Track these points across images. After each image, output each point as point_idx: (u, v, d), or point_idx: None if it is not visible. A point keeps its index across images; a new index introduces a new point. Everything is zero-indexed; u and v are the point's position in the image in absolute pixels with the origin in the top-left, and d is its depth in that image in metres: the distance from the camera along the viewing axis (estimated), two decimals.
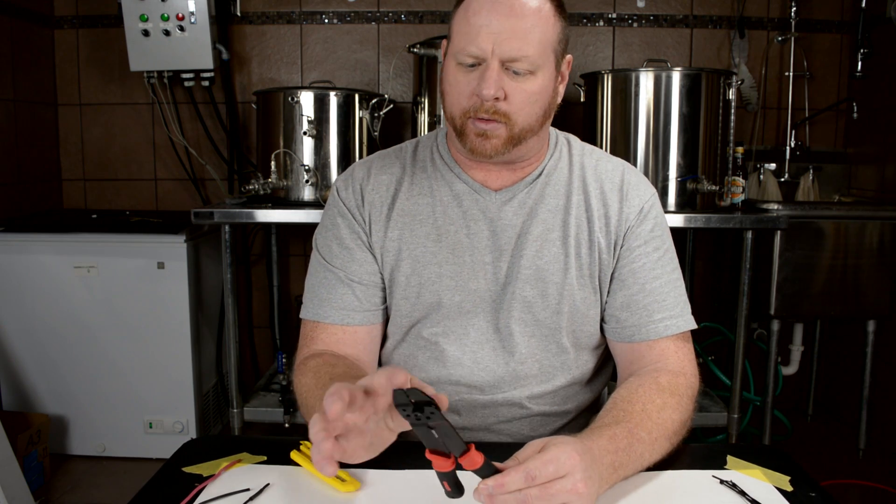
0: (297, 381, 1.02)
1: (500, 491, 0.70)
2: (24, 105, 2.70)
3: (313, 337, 1.09)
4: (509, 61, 0.96)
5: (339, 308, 1.08)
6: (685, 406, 0.97)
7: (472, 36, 0.96)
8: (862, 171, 2.79)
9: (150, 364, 2.46)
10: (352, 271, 1.09)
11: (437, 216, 1.09)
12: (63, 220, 2.63)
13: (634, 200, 1.09)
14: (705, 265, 2.91)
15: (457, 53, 0.99)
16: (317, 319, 1.09)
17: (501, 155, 1.02)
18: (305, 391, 0.98)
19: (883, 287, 2.37)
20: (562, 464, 0.72)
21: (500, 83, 0.96)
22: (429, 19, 2.81)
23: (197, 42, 2.58)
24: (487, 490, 0.70)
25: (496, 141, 1.00)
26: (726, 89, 2.19)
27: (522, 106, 0.99)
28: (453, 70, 1.00)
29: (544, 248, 1.07)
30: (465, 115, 1.00)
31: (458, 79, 1.00)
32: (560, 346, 1.09)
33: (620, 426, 0.87)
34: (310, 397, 0.96)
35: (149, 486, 0.87)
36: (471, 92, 0.98)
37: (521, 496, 0.70)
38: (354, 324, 1.08)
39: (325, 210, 1.15)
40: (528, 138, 1.02)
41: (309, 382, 0.98)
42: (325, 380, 0.95)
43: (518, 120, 0.99)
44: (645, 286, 1.07)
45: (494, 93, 0.96)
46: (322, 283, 1.10)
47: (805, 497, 0.85)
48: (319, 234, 1.14)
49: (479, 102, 0.98)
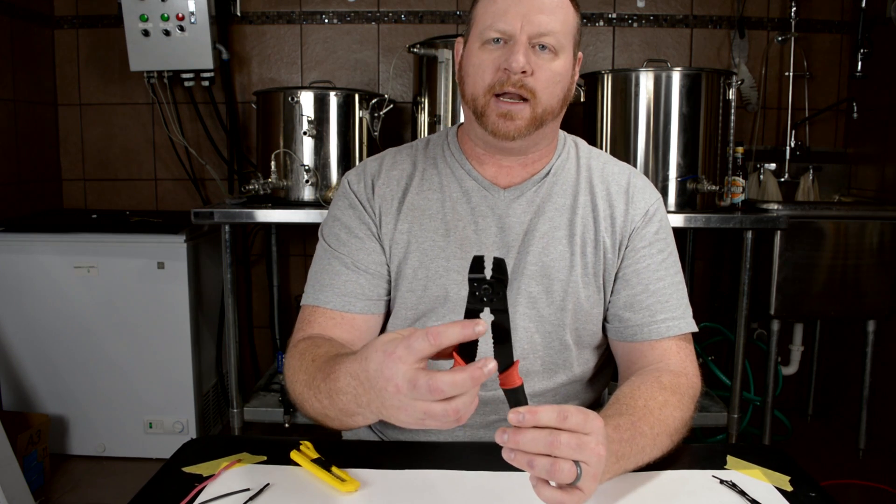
0: (286, 363, 1.01)
1: (531, 420, 0.69)
2: (24, 105, 2.70)
3: (310, 321, 1.07)
4: (537, 36, 0.99)
5: (340, 294, 1.07)
6: (686, 405, 0.98)
7: (501, 14, 0.99)
8: (862, 171, 2.79)
9: (150, 364, 2.46)
10: (358, 259, 1.09)
11: (447, 211, 1.10)
12: (63, 220, 2.63)
13: (640, 203, 1.11)
14: (705, 265, 2.91)
15: (483, 31, 1.01)
16: (316, 304, 1.08)
17: (523, 137, 1.03)
18: (290, 374, 0.97)
19: (883, 287, 2.37)
20: (590, 420, 0.72)
21: (528, 58, 0.99)
22: (429, 19, 2.81)
23: (197, 42, 2.58)
24: (519, 419, 0.69)
25: (520, 122, 1.01)
26: (726, 89, 2.19)
27: (547, 84, 1.01)
28: (477, 51, 1.02)
29: (550, 245, 1.08)
30: (490, 92, 1.01)
31: (483, 58, 1.01)
32: (563, 343, 1.10)
33: (624, 418, 0.87)
34: (295, 383, 0.95)
35: (149, 486, 0.87)
36: (497, 67, 1.00)
37: (551, 439, 0.69)
38: (355, 311, 1.08)
39: (334, 202, 1.15)
40: (548, 122, 1.04)
41: (294, 365, 0.97)
42: (307, 361, 0.94)
43: (542, 98, 1.01)
44: (648, 287, 1.08)
45: (523, 65, 0.98)
46: (325, 270, 1.09)
47: (805, 497, 0.85)
48: (326, 224, 1.14)
49: (505, 77, 0.99)
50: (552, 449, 0.69)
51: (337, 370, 0.82)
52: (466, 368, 0.67)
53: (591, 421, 0.72)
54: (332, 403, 0.84)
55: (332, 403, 0.84)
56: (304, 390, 0.91)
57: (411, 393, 0.68)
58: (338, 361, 0.84)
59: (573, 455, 0.70)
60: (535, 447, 0.70)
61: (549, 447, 0.69)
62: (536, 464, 0.70)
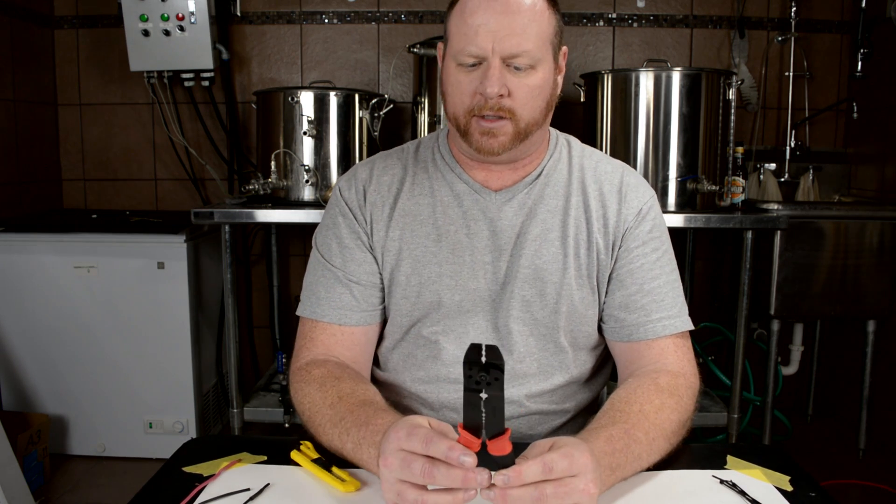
0: (300, 388, 1.01)
1: (517, 481, 0.69)
2: (24, 105, 2.70)
3: (312, 337, 1.09)
4: (510, 58, 0.97)
5: (336, 307, 1.08)
6: (685, 406, 0.97)
7: (471, 36, 0.97)
8: (862, 171, 2.79)
9: (150, 364, 2.46)
10: (350, 271, 1.09)
11: (438, 216, 1.09)
12: (63, 220, 2.63)
13: (633, 202, 1.10)
14: (705, 265, 2.91)
15: (456, 55, 1.00)
16: (314, 318, 1.09)
17: (508, 151, 1.03)
18: (309, 404, 0.98)
19: (883, 287, 2.37)
20: (576, 460, 0.72)
21: (502, 80, 0.97)
22: (429, 19, 2.81)
23: (197, 42, 2.58)
24: (504, 480, 0.69)
25: (503, 138, 1.01)
26: (726, 89, 2.19)
27: (526, 101, 1.00)
28: (454, 71, 1.01)
29: (543, 247, 1.08)
30: (470, 114, 1.01)
31: (460, 79, 1.00)
32: (558, 346, 1.10)
33: (617, 427, 0.87)
34: (316, 414, 0.95)
35: (149, 486, 0.87)
36: (473, 91, 0.99)
37: (537, 493, 0.70)
38: (351, 324, 1.08)
39: (327, 209, 1.15)
40: (534, 132, 1.04)
41: (314, 396, 0.97)
42: (332, 397, 0.95)
43: (523, 115, 1.00)
44: (643, 286, 1.07)
45: (498, 90, 0.97)
46: (320, 282, 1.10)
47: (805, 497, 0.85)
48: (320, 232, 1.14)
49: (482, 101, 0.99)
50: (539, 503, 0.70)
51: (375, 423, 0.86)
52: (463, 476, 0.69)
53: (577, 461, 0.72)
54: (354, 449, 0.87)
55: (354, 449, 0.87)
56: (328, 428, 0.92)
57: (399, 468, 0.72)
58: (376, 415, 0.88)
59: (562, 502, 0.71)
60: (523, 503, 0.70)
61: (535, 502, 0.70)
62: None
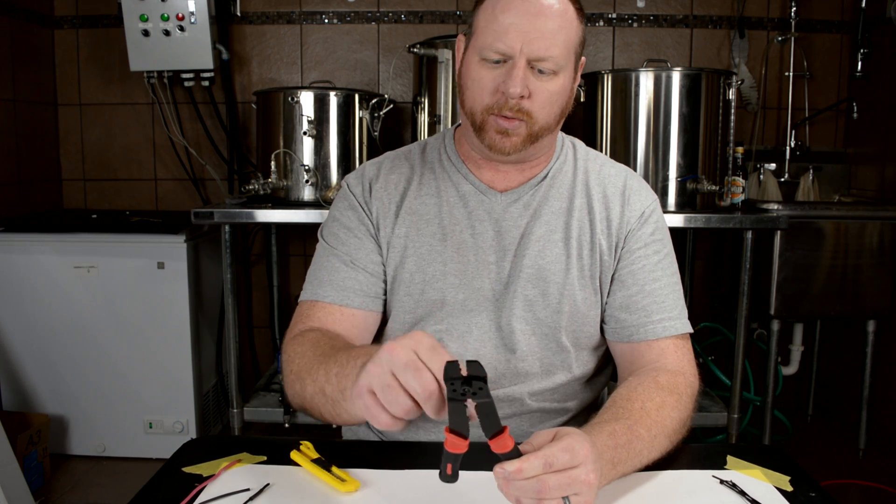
0: (291, 349, 1.01)
1: (518, 476, 0.70)
2: (24, 105, 2.70)
3: (309, 315, 1.08)
4: (536, 60, 0.97)
5: (339, 288, 1.08)
6: (684, 405, 0.98)
7: (500, 33, 0.97)
8: (862, 171, 2.79)
9: (150, 364, 2.46)
10: (357, 256, 1.10)
11: (444, 216, 1.10)
12: (63, 220, 2.63)
13: (636, 205, 1.11)
14: (705, 265, 2.91)
15: (482, 49, 1.00)
16: (315, 299, 1.08)
17: (518, 152, 1.03)
18: (299, 357, 0.97)
19: (883, 287, 2.37)
20: (576, 452, 0.73)
21: (525, 81, 0.98)
22: (429, 19, 2.81)
23: (197, 42, 2.58)
24: (505, 474, 0.70)
25: (516, 139, 1.01)
26: (726, 89, 2.19)
27: (544, 105, 1.00)
28: (476, 65, 1.01)
29: (546, 248, 1.08)
30: (488, 112, 1.01)
31: (482, 74, 1.00)
32: (560, 345, 1.10)
33: (620, 423, 0.87)
34: (304, 361, 0.95)
35: (149, 486, 0.87)
36: (495, 88, 0.99)
37: (538, 483, 0.71)
38: (353, 306, 1.08)
39: (334, 204, 1.16)
40: (545, 136, 1.04)
41: (306, 350, 0.97)
42: (325, 348, 0.94)
43: (539, 118, 1.01)
44: (644, 287, 1.08)
45: (521, 91, 0.97)
46: (324, 267, 1.10)
47: (805, 497, 0.85)
48: (326, 225, 1.15)
49: (503, 100, 0.99)
50: (542, 495, 0.71)
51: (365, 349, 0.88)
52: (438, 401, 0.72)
53: (577, 453, 0.73)
54: (339, 373, 0.86)
55: (339, 373, 0.86)
56: (314, 367, 0.92)
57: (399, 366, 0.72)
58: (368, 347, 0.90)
59: (564, 493, 0.72)
60: (526, 496, 0.71)
61: (538, 493, 0.71)
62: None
